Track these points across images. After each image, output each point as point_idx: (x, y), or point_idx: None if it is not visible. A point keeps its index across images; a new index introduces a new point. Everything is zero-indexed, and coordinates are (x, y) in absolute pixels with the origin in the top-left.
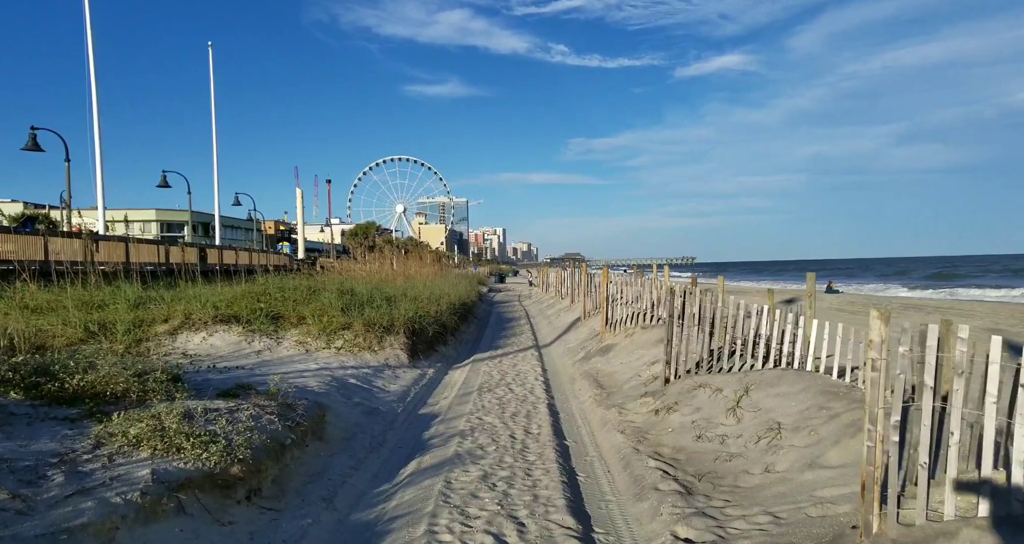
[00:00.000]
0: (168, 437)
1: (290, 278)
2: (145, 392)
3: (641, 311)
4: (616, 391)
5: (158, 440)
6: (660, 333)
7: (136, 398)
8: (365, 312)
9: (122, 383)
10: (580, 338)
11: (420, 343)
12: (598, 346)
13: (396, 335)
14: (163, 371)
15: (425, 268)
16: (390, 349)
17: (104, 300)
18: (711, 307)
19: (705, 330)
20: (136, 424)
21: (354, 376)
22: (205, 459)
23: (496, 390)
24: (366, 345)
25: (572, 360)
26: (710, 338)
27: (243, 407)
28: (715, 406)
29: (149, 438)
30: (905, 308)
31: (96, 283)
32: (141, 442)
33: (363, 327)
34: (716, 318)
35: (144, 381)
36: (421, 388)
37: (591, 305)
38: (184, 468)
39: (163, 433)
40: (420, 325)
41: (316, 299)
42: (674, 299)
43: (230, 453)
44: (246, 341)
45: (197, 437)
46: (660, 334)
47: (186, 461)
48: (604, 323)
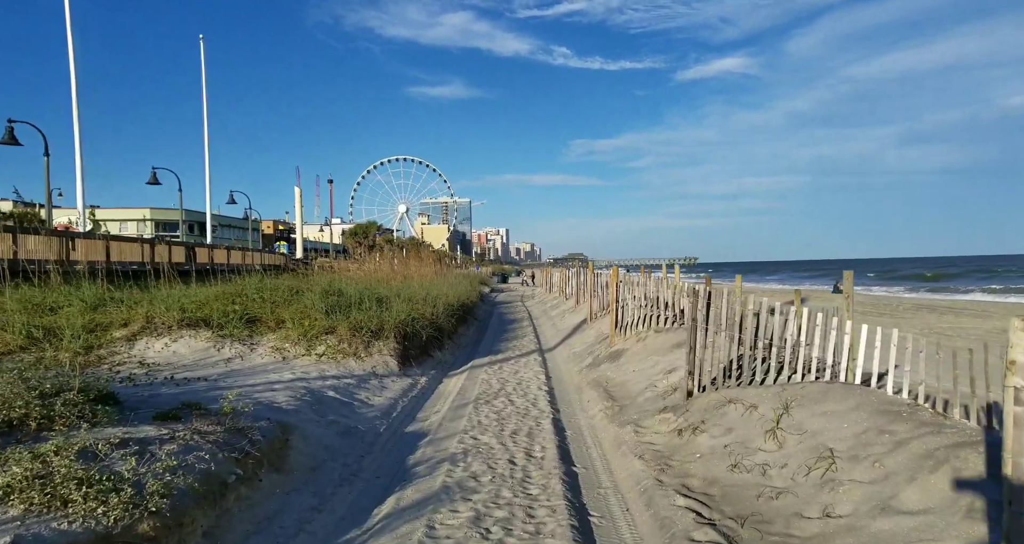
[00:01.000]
0: (53, 485)
1: (277, 278)
2: (50, 418)
3: (654, 313)
4: (630, 404)
5: (37, 491)
6: (676, 337)
7: (36, 427)
8: (351, 315)
9: (19, 408)
10: (587, 342)
11: (412, 348)
12: (607, 351)
13: (385, 340)
14: (84, 390)
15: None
16: (378, 355)
17: (58, 302)
18: (740, 310)
19: (734, 336)
20: (10, 469)
21: (334, 387)
22: (101, 515)
23: (495, 402)
24: (351, 351)
25: (579, 367)
26: (739, 345)
27: (178, 435)
28: (750, 426)
29: (24, 489)
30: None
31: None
32: (12, 495)
33: (348, 331)
34: (746, 322)
35: (50, 404)
36: (411, 400)
37: (598, 306)
38: (68, 529)
39: (48, 480)
40: (413, 328)
41: (298, 300)
42: (697, 300)
43: (140, 504)
44: (215, 347)
45: (96, 483)
46: (676, 338)
47: (73, 519)
48: (613, 326)
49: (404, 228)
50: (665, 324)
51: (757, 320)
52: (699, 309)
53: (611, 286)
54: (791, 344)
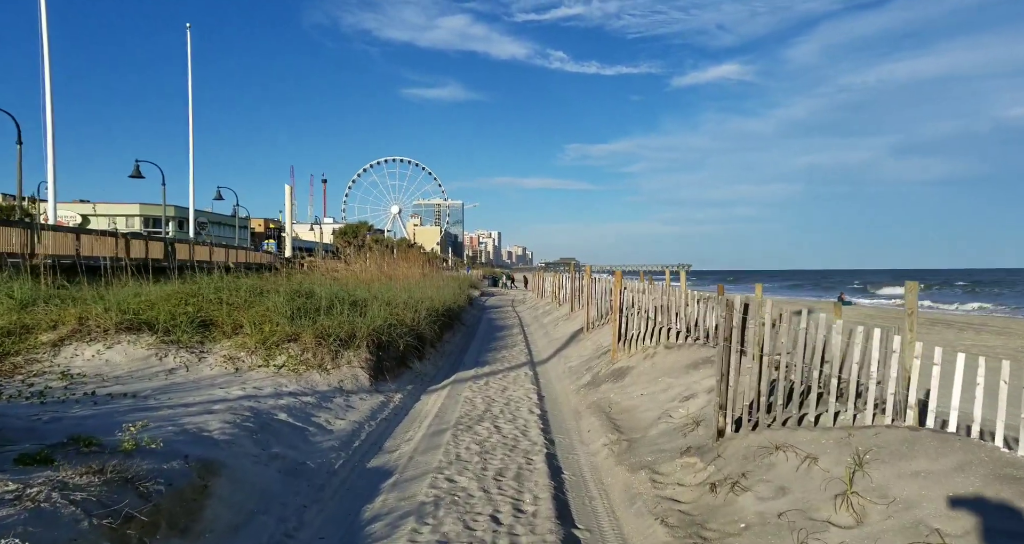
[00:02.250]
0: None
1: (259, 277)
2: None
3: (664, 326)
4: (640, 438)
5: None
6: (691, 355)
7: None
8: (319, 320)
9: None
10: (584, 355)
11: (388, 359)
12: (608, 368)
13: (356, 349)
14: None
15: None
16: (347, 367)
17: None
18: (789, 329)
19: (781, 362)
20: None
21: (288, 408)
22: None
23: (478, 428)
24: (316, 362)
25: (575, 384)
26: (786, 373)
27: (29, 493)
28: (811, 486)
29: None
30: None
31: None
32: None
33: (314, 339)
34: (798, 344)
35: None
36: (379, 423)
37: (595, 315)
38: None
39: None
40: (389, 337)
41: (261, 303)
42: (732, 315)
43: None
44: (157, 356)
45: None
46: (691, 356)
47: None
48: (616, 339)
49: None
50: (677, 339)
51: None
52: (734, 326)
53: (615, 294)
54: (854, 372)
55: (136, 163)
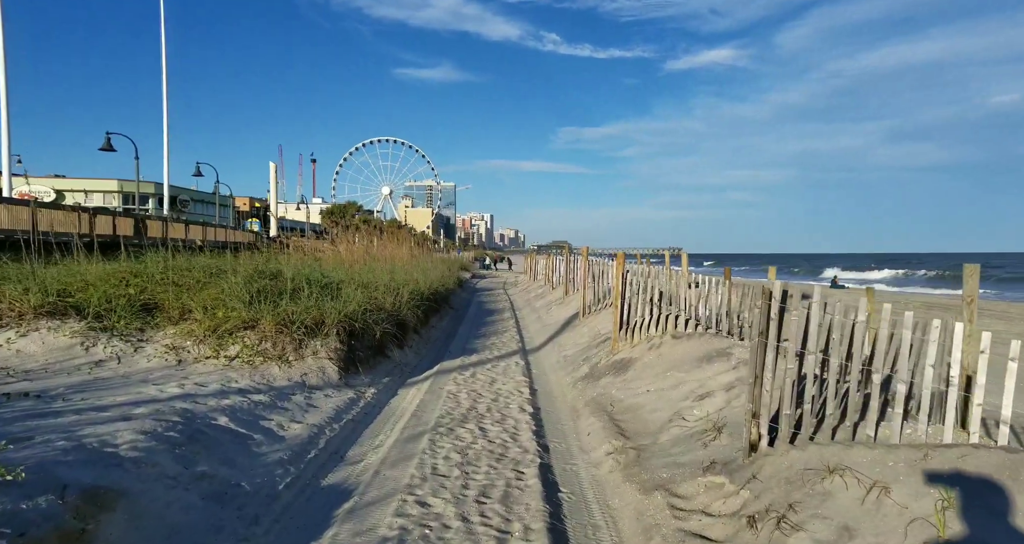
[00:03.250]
0: None
1: (234, 257)
2: None
3: (671, 313)
4: (650, 445)
5: None
6: (702, 346)
7: None
8: (281, 305)
9: None
10: (580, 342)
11: (362, 348)
12: (608, 359)
13: (325, 338)
14: None
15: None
16: (312, 359)
17: None
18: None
19: (829, 361)
20: None
21: (232, 410)
22: None
23: (461, 431)
24: (276, 353)
25: (572, 377)
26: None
27: None
28: (884, 526)
29: None
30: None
31: None
32: None
33: (274, 326)
34: (861, 341)
35: None
36: (345, 426)
37: (592, 299)
38: None
39: None
40: (365, 323)
41: (217, 284)
42: (770, 305)
43: None
44: (83, 345)
45: None
46: (702, 347)
47: None
48: (618, 327)
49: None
50: (686, 327)
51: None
52: (771, 317)
53: (616, 278)
54: (928, 375)
55: (107, 135)
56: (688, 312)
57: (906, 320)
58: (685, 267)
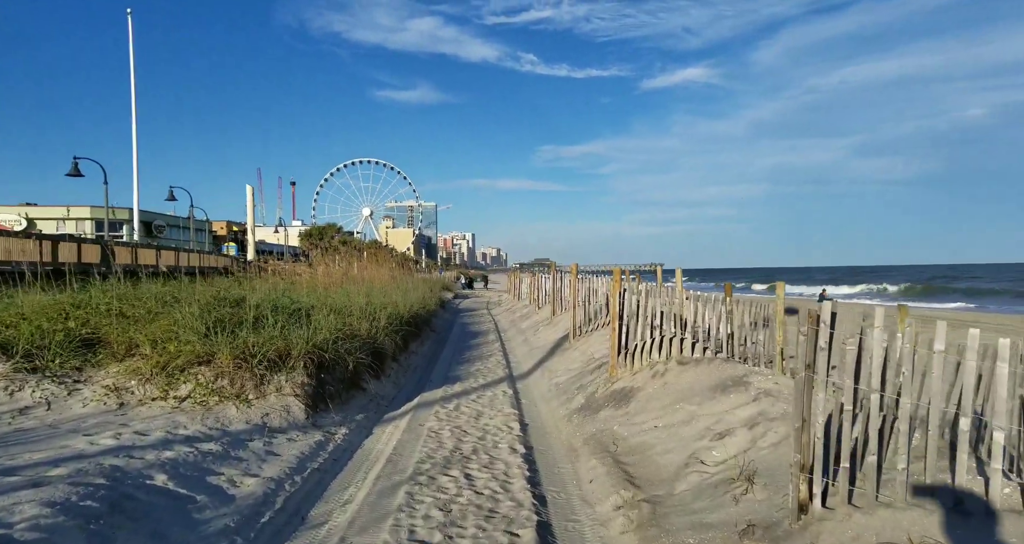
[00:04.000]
0: None
1: (206, 283)
2: None
3: (674, 336)
4: (667, 497)
5: None
6: (714, 373)
7: None
8: (241, 336)
9: None
10: (572, 368)
11: (333, 382)
12: (607, 388)
13: (291, 372)
14: None
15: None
16: (276, 397)
17: None
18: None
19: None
20: None
21: (174, 465)
22: None
23: (443, 479)
24: (233, 391)
25: (566, 408)
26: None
27: None
28: None
29: None
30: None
31: None
32: None
33: (232, 360)
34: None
35: None
36: (309, 478)
37: (582, 319)
38: None
39: None
40: (336, 353)
41: (170, 314)
42: (818, 331)
43: None
44: (6, 390)
45: None
46: (714, 374)
47: None
48: (616, 352)
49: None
50: (692, 351)
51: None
52: (819, 347)
53: (612, 297)
54: None
55: (74, 160)
56: (694, 334)
57: (1001, 349)
58: (679, 283)
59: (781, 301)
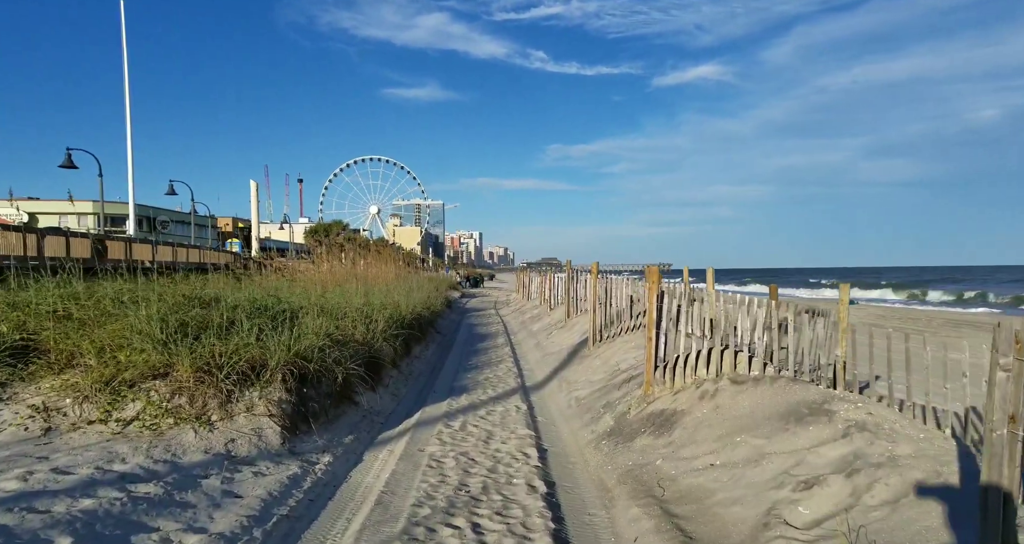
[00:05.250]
0: None
1: (200, 279)
2: None
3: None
4: None
5: None
6: (780, 396)
7: None
8: (206, 343)
9: None
10: (594, 380)
11: (318, 396)
12: (641, 408)
13: (266, 386)
14: None
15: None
16: (245, 417)
17: None
18: None
19: None
20: None
21: (93, 518)
22: None
23: (445, 534)
24: (193, 411)
25: (591, 430)
26: None
27: None
28: None
29: None
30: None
31: None
32: None
33: (193, 373)
34: None
35: None
36: (272, 532)
37: (602, 321)
38: None
39: None
40: (322, 362)
41: (126, 317)
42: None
43: None
44: None
45: None
46: (781, 398)
47: None
48: (651, 365)
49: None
50: (749, 368)
51: None
52: None
53: (649, 301)
54: None
55: (68, 151)
56: (749, 345)
57: None
58: (711, 284)
59: (845, 307)
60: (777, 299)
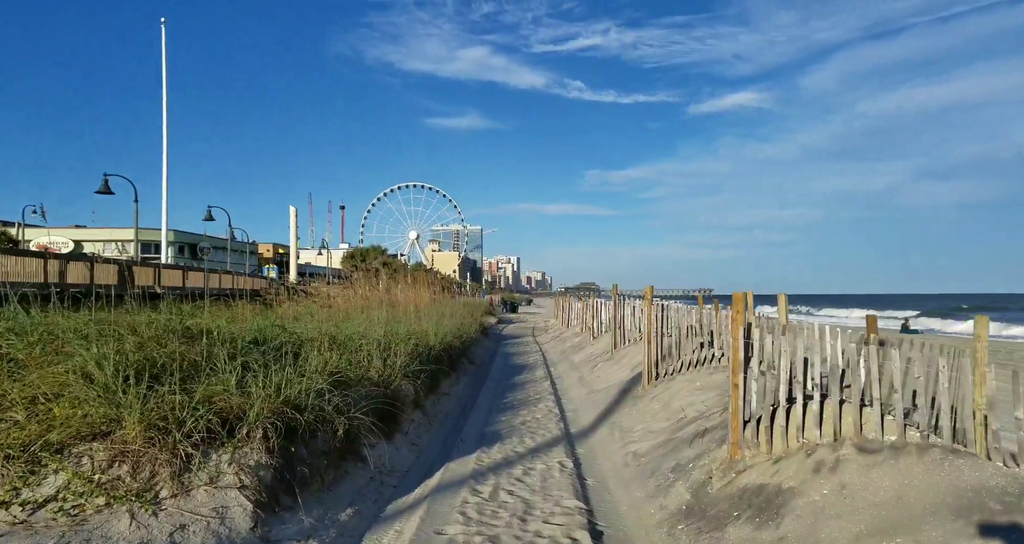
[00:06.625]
0: None
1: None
2: None
3: (845, 398)
4: None
5: None
6: (937, 475)
7: None
8: (163, 390)
9: None
10: (655, 428)
11: (311, 455)
12: (727, 479)
13: (239, 446)
14: None
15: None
16: (207, 491)
17: None
18: None
19: None
20: None
21: None
22: None
23: None
24: (137, 485)
25: (658, 505)
26: None
27: None
28: None
29: None
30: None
31: None
32: None
33: (143, 430)
34: None
35: None
36: None
37: (657, 354)
38: None
39: None
40: (319, 411)
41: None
42: None
43: None
44: None
45: None
46: (941, 481)
47: None
48: (740, 423)
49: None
50: (882, 429)
51: None
52: None
53: (734, 334)
54: None
55: (104, 177)
56: (879, 400)
57: None
58: (783, 312)
59: (984, 343)
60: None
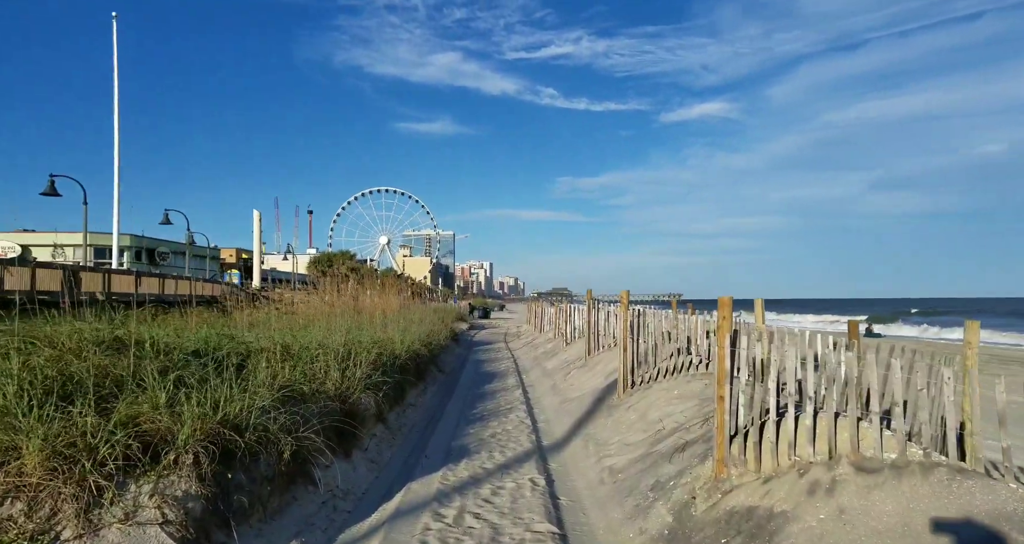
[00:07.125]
0: None
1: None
2: None
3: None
4: None
5: None
6: (943, 499)
7: None
8: (76, 414)
9: None
10: (632, 441)
11: (251, 481)
12: (713, 500)
13: (165, 473)
14: None
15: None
16: (121, 529)
17: None
18: None
19: None
20: None
21: None
22: None
23: None
24: (33, 526)
25: (640, 529)
26: None
27: None
28: None
29: None
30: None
31: None
32: None
33: (44, 460)
34: None
35: None
36: None
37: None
38: None
39: None
40: (263, 431)
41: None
42: None
43: None
44: None
45: None
46: (946, 503)
47: None
48: (726, 438)
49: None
50: (881, 446)
51: None
52: None
53: (720, 342)
54: None
55: (51, 178)
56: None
57: None
58: (760, 318)
59: (974, 350)
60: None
